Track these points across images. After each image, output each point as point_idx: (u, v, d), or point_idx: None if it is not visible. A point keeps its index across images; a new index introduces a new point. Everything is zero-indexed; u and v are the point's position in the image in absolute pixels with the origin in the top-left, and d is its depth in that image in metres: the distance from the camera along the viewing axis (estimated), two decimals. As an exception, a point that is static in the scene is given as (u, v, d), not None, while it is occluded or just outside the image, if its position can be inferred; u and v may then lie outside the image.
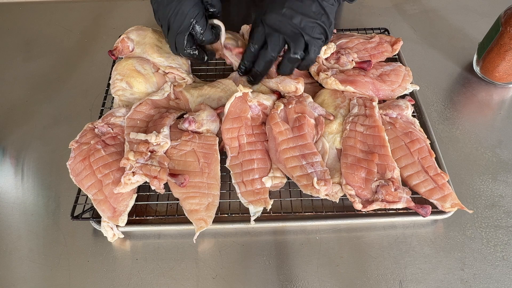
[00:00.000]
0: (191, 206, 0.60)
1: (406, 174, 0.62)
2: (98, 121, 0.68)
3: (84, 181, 0.62)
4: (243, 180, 0.63)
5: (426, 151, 0.63)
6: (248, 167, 0.64)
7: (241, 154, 0.65)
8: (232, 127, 0.66)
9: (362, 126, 0.65)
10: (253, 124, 0.68)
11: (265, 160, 0.65)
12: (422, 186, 0.61)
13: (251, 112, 0.68)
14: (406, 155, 0.63)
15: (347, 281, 0.57)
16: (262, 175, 0.63)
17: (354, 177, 0.60)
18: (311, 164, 0.62)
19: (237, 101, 0.67)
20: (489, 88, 0.81)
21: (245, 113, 0.67)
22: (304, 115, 0.66)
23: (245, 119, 0.67)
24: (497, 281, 0.57)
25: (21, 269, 0.60)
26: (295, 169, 0.62)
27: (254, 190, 0.62)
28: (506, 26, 0.71)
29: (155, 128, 0.65)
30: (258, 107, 0.68)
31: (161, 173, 0.60)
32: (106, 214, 0.60)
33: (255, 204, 0.61)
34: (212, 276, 0.58)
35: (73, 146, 0.65)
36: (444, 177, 0.61)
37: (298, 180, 0.61)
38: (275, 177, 0.63)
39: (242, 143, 0.66)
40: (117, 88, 0.74)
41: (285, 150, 0.63)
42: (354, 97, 0.70)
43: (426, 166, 0.62)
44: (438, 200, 0.60)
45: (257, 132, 0.67)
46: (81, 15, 1.02)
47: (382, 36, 0.82)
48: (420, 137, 0.64)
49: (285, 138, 0.64)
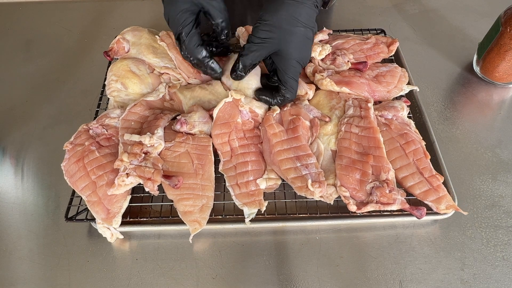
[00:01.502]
0: (185, 208, 0.60)
1: (401, 175, 0.62)
2: (93, 122, 0.68)
3: (78, 182, 0.62)
4: (237, 183, 0.63)
5: (421, 153, 0.63)
6: (242, 169, 0.63)
7: (234, 157, 0.65)
8: (221, 132, 0.66)
9: (357, 128, 0.65)
10: (244, 128, 0.68)
11: (259, 162, 0.65)
12: (417, 187, 0.60)
13: (241, 117, 0.68)
14: (401, 157, 0.62)
15: (347, 281, 0.57)
16: (256, 177, 0.63)
17: (348, 178, 0.60)
18: (305, 166, 0.61)
19: (227, 106, 0.67)
20: (489, 88, 0.81)
21: (234, 118, 0.67)
22: (299, 117, 0.65)
23: (234, 124, 0.66)
24: (497, 281, 0.57)
25: (21, 269, 0.60)
26: (289, 171, 0.61)
27: (249, 192, 0.62)
28: (506, 26, 0.71)
29: (149, 129, 0.65)
30: (249, 114, 0.68)
31: (155, 174, 0.60)
32: (100, 215, 0.60)
33: (249, 206, 0.61)
34: (212, 276, 0.58)
35: (68, 147, 0.65)
36: (439, 178, 0.61)
37: (293, 182, 0.61)
38: (269, 179, 0.63)
39: (234, 147, 0.65)
40: (112, 89, 0.74)
41: (279, 152, 0.63)
42: (350, 98, 0.70)
43: (421, 167, 0.61)
44: (433, 202, 0.60)
45: (250, 135, 0.67)
46: (81, 15, 1.02)
47: (378, 37, 0.82)
48: (415, 139, 0.64)
49: (279, 140, 0.64)
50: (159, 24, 1.00)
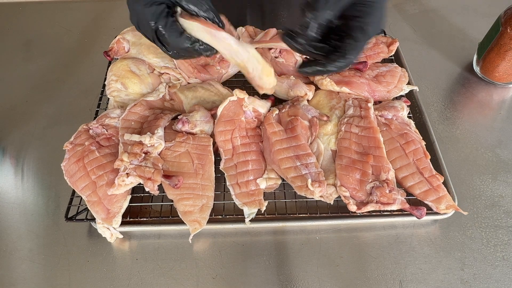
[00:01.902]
0: (185, 208, 0.60)
1: (401, 175, 0.62)
2: (93, 122, 0.68)
3: (78, 182, 0.62)
4: (237, 182, 0.63)
5: (421, 153, 0.63)
6: (243, 168, 0.63)
7: (235, 156, 0.65)
8: (225, 129, 0.66)
9: (357, 127, 0.65)
10: (247, 126, 0.68)
11: (259, 161, 0.65)
12: (417, 187, 0.60)
13: (245, 116, 0.68)
14: (401, 157, 0.62)
15: (347, 281, 0.57)
16: (256, 176, 0.63)
17: (348, 178, 0.60)
18: (305, 165, 0.61)
19: (231, 105, 0.67)
20: (489, 88, 0.81)
21: (238, 116, 0.67)
22: (297, 118, 0.66)
23: (238, 121, 0.67)
24: (497, 281, 0.57)
25: (21, 269, 0.60)
26: (289, 170, 0.61)
27: (249, 192, 0.62)
28: (506, 26, 0.71)
29: (150, 129, 0.65)
30: (253, 113, 0.69)
31: (155, 174, 0.59)
32: (100, 215, 0.60)
33: (249, 206, 0.61)
34: (212, 276, 0.58)
35: (68, 147, 0.65)
36: (439, 178, 0.61)
37: (293, 182, 0.61)
38: (269, 178, 0.63)
39: (236, 145, 0.65)
40: (112, 89, 0.73)
41: (279, 151, 0.63)
42: (350, 98, 0.70)
43: (421, 167, 0.61)
44: (433, 202, 0.60)
45: (252, 134, 0.67)
46: (81, 15, 1.02)
47: (378, 37, 0.82)
48: (415, 139, 0.64)
49: (279, 139, 0.64)
50: (159, 24, 0.99)
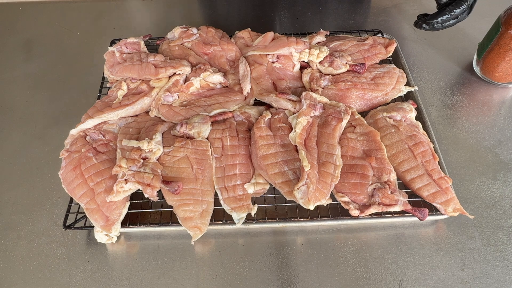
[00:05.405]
0: (185, 214, 0.59)
1: (409, 177, 0.61)
2: (90, 128, 0.68)
3: (76, 190, 0.61)
4: (225, 186, 0.62)
5: (429, 154, 0.62)
6: (230, 172, 0.63)
7: (223, 157, 0.64)
8: (218, 128, 0.67)
9: (354, 134, 0.65)
10: (238, 128, 0.68)
11: (247, 165, 0.64)
12: (425, 189, 0.60)
13: (234, 119, 0.69)
14: (410, 158, 0.62)
15: (347, 281, 0.57)
16: (244, 181, 0.63)
17: (344, 185, 0.60)
18: (293, 171, 0.61)
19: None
20: (489, 88, 0.81)
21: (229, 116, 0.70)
22: (287, 127, 0.66)
23: (230, 122, 0.68)
24: (497, 281, 0.57)
25: (21, 269, 0.60)
26: (277, 176, 0.61)
27: (236, 197, 0.61)
28: (506, 26, 0.71)
29: (148, 135, 0.65)
30: (241, 116, 0.70)
31: (154, 180, 0.59)
32: (99, 223, 0.59)
33: (237, 211, 0.60)
34: (212, 276, 0.58)
35: (64, 155, 0.65)
36: (447, 181, 0.60)
37: (281, 187, 0.61)
38: (257, 183, 0.63)
39: (225, 145, 0.65)
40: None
41: (266, 156, 0.62)
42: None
43: (430, 169, 0.61)
44: (441, 204, 0.59)
45: (242, 136, 0.67)
46: (81, 15, 1.02)
47: (375, 38, 0.82)
48: (424, 140, 0.64)
49: (266, 143, 0.63)
50: (159, 24, 1.00)
